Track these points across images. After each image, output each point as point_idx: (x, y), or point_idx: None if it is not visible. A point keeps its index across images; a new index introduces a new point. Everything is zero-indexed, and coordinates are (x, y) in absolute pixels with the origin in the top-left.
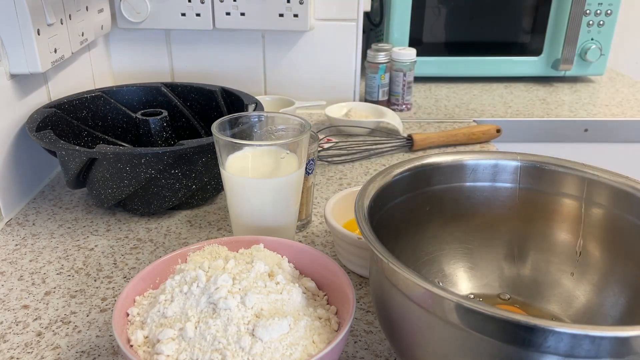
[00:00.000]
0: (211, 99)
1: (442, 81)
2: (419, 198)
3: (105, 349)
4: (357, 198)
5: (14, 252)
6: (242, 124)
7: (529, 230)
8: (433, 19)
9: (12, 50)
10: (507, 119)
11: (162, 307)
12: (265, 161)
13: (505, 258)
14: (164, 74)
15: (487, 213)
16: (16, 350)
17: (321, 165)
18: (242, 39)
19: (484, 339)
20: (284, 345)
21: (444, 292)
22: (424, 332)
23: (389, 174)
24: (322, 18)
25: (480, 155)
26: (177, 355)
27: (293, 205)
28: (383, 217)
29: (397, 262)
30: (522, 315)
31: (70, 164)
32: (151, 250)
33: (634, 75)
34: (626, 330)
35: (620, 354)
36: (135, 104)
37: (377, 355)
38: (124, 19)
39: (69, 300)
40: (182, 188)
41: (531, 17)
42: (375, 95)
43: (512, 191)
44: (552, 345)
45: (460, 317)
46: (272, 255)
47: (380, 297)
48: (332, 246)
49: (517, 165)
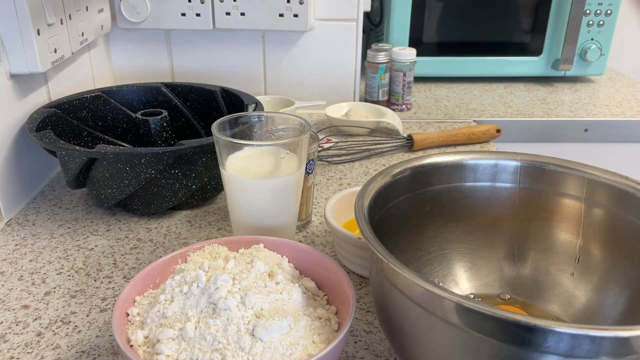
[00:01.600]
0: (211, 99)
1: (442, 81)
2: (419, 198)
3: (105, 349)
4: (357, 198)
5: (14, 252)
6: (242, 124)
7: (529, 230)
8: (433, 19)
9: (12, 50)
10: (507, 119)
11: (162, 307)
12: (265, 161)
13: (506, 258)
14: (164, 74)
15: (487, 213)
16: (16, 350)
17: (321, 165)
18: (242, 39)
19: (484, 339)
20: (284, 345)
21: (444, 292)
22: (424, 332)
23: (389, 174)
24: (322, 18)
25: (480, 155)
26: (177, 355)
27: (293, 205)
28: (383, 217)
29: (397, 262)
30: (522, 315)
31: (70, 164)
32: (151, 250)
33: (634, 75)
34: (626, 330)
35: (620, 354)
36: (135, 104)
37: (377, 355)
38: (124, 19)
39: (69, 300)
40: (182, 188)
41: (531, 17)
42: (375, 95)
43: (512, 191)
44: (552, 345)
45: (460, 317)
46: (272, 255)
47: (380, 297)
48: (332, 246)
49: (517, 165)
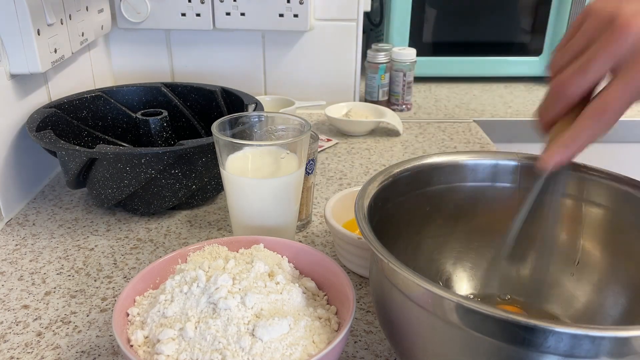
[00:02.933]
0: (211, 99)
1: (442, 81)
2: (419, 198)
3: (105, 349)
4: (357, 198)
5: (14, 252)
6: (242, 124)
7: (529, 231)
8: (433, 19)
9: (12, 50)
10: (507, 119)
11: (162, 307)
12: (265, 161)
13: (505, 258)
14: (164, 74)
15: (487, 213)
16: (16, 350)
17: (321, 165)
18: (242, 39)
19: (484, 339)
20: (284, 345)
21: (444, 292)
22: (424, 332)
23: (389, 173)
24: (322, 18)
25: (480, 155)
26: (177, 355)
27: (293, 205)
28: (383, 217)
29: (397, 262)
30: (522, 315)
31: (70, 164)
32: (151, 250)
33: None
34: (626, 330)
35: (621, 354)
36: (135, 104)
37: (377, 355)
38: (124, 19)
39: (69, 300)
40: (182, 188)
41: (531, 17)
42: (375, 95)
43: (512, 191)
44: (552, 345)
45: (461, 317)
46: (272, 255)
47: (381, 297)
48: (332, 246)
49: (517, 165)
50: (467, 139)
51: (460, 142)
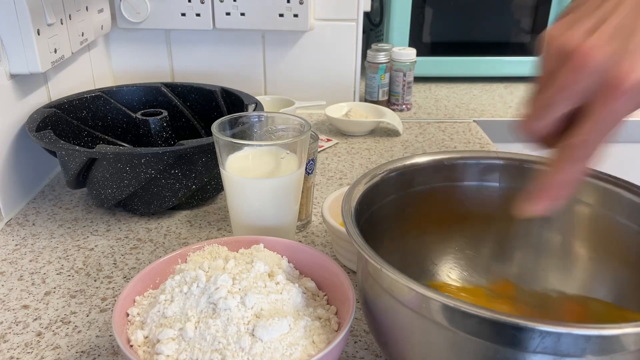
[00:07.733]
0: (211, 99)
1: (442, 81)
2: (404, 199)
3: (105, 349)
4: (344, 201)
5: (14, 252)
6: (242, 124)
7: (516, 230)
8: (433, 19)
9: (12, 50)
10: (507, 119)
11: (162, 307)
12: (265, 161)
13: (493, 257)
14: (164, 74)
15: (473, 212)
16: (16, 350)
17: (321, 165)
18: (242, 39)
19: (472, 339)
20: (284, 345)
21: (431, 292)
22: (411, 333)
23: (373, 176)
24: (322, 18)
25: (463, 154)
26: (177, 355)
27: (293, 205)
28: (370, 219)
29: (384, 263)
30: (508, 315)
31: (70, 164)
32: (151, 250)
33: None
34: (611, 328)
35: (606, 351)
36: (135, 104)
37: (377, 355)
38: (124, 19)
39: (69, 300)
40: (182, 188)
41: (531, 17)
42: (375, 95)
43: (498, 190)
44: (539, 344)
45: (447, 317)
46: (272, 255)
47: (368, 299)
48: (332, 246)
49: (500, 164)
50: (467, 139)
51: (460, 142)
